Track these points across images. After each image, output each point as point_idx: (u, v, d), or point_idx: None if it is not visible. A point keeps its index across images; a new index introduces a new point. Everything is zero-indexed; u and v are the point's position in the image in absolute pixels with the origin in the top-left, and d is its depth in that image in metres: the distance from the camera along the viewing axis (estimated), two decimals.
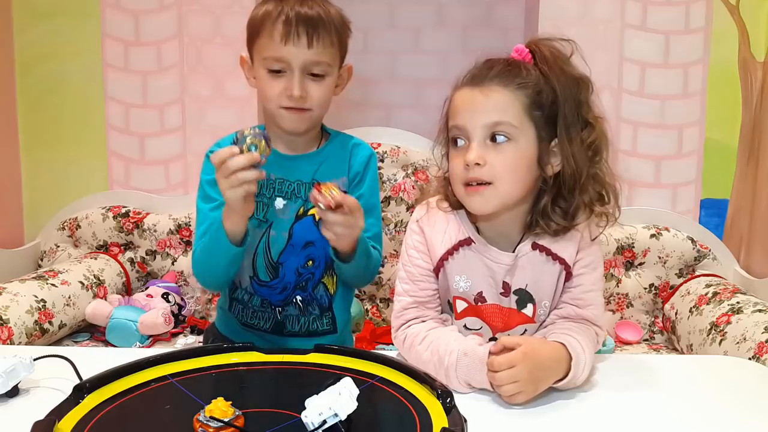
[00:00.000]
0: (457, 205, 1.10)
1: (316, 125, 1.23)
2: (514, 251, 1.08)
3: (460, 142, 1.04)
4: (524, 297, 1.09)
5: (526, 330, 1.10)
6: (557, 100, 1.02)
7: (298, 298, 1.23)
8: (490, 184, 1.01)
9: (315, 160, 1.23)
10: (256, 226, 1.20)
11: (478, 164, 1.00)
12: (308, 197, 1.19)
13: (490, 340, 1.08)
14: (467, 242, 1.08)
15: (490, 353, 0.98)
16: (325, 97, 1.19)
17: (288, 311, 1.25)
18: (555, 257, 1.07)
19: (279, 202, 1.20)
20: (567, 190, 1.04)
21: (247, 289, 1.24)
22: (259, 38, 1.17)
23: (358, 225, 1.08)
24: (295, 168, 1.22)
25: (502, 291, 1.08)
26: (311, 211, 1.21)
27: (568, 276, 1.08)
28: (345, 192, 1.07)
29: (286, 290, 1.23)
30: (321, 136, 1.27)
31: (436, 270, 1.10)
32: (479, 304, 1.09)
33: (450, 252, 1.08)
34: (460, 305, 1.11)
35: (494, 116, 1.01)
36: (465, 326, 1.11)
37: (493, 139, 1.01)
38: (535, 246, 1.07)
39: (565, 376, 0.97)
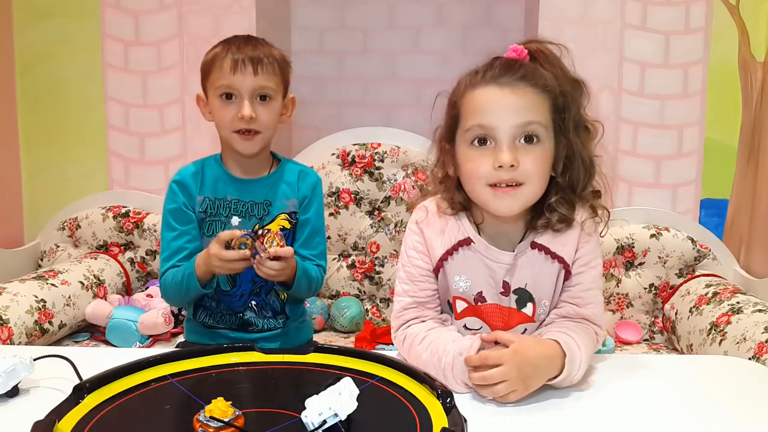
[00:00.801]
0: (460, 206, 1.09)
1: (266, 147, 1.39)
2: (514, 250, 1.08)
3: (485, 142, 1.01)
4: (524, 296, 1.09)
5: (526, 329, 1.10)
6: (567, 102, 1.03)
7: (253, 303, 1.39)
8: (521, 184, 1.01)
9: (266, 183, 1.39)
10: None
11: (512, 166, 0.99)
12: (262, 216, 1.37)
13: None
14: (466, 242, 1.08)
15: (482, 340, 0.99)
16: (271, 120, 1.35)
17: (246, 315, 1.40)
18: (554, 256, 1.07)
19: (235, 220, 1.36)
20: (578, 189, 1.05)
21: (213, 297, 1.39)
22: (211, 74, 1.36)
23: (290, 267, 1.26)
24: (249, 190, 1.38)
25: (502, 290, 1.08)
26: (267, 227, 1.36)
27: (567, 275, 1.08)
28: (281, 236, 1.25)
29: (243, 297, 1.38)
30: (272, 161, 1.43)
31: (436, 270, 1.10)
32: (479, 304, 1.09)
33: (449, 252, 1.08)
34: (460, 305, 1.11)
35: (527, 116, 1.00)
36: (465, 326, 1.11)
37: (522, 139, 1.00)
38: (534, 245, 1.07)
39: (560, 374, 0.97)
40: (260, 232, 1.22)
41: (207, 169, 1.40)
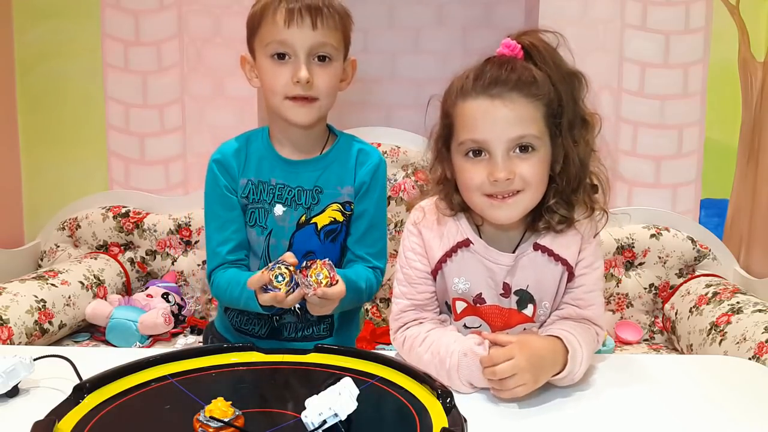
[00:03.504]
0: (459, 207, 1.08)
1: (322, 118, 1.20)
2: (515, 251, 1.07)
3: (480, 153, 1.00)
4: (525, 297, 1.08)
5: (525, 329, 1.10)
6: (562, 102, 1.01)
7: (297, 306, 1.17)
8: (518, 192, 1.00)
9: (318, 165, 1.21)
10: (259, 234, 1.21)
11: (508, 179, 0.98)
12: (309, 206, 1.20)
13: None
14: (465, 244, 1.07)
15: (485, 338, 1.00)
16: (331, 85, 1.16)
17: (285, 318, 1.24)
18: (557, 258, 1.06)
19: (278, 209, 1.20)
20: (571, 189, 1.04)
21: None
22: (260, 28, 1.15)
23: (336, 304, 1.08)
24: (297, 174, 1.20)
25: (502, 292, 1.08)
26: (313, 219, 1.21)
27: (570, 276, 1.08)
28: (331, 265, 1.06)
29: None
30: (327, 137, 1.24)
31: (434, 272, 1.09)
32: (478, 305, 1.09)
33: (448, 254, 1.08)
34: (460, 306, 1.10)
35: (519, 130, 0.98)
36: (464, 326, 1.11)
37: (518, 149, 0.99)
38: (536, 246, 1.06)
39: (563, 370, 0.97)
40: (304, 263, 1.04)
41: (252, 146, 1.21)
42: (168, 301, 2.01)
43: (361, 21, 2.39)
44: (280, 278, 1.03)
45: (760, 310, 1.65)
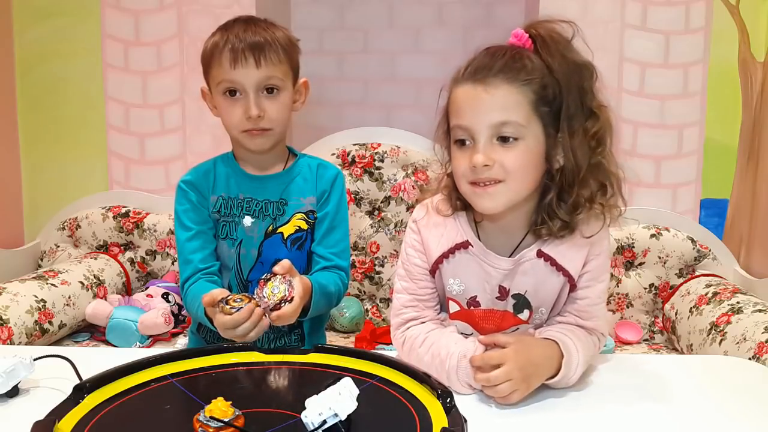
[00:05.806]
0: (461, 206, 1.07)
1: (279, 142, 1.29)
2: (513, 252, 1.05)
3: (466, 142, 0.99)
4: (522, 302, 1.07)
5: (518, 329, 1.09)
6: (561, 91, 0.98)
7: None
8: (500, 182, 0.97)
9: (282, 180, 1.29)
10: (230, 246, 1.27)
11: (486, 165, 0.96)
12: (276, 217, 1.27)
13: None
14: (464, 245, 1.06)
15: (481, 343, 0.98)
16: (282, 114, 1.25)
17: None
18: (559, 268, 1.04)
19: (247, 220, 1.27)
20: (568, 185, 1.00)
21: None
22: (211, 68, 1.25)
23: (293, 319, 1.11)
24: (263, 188, 1.28)
25: (498, 295, 1.07)
26: (280, 229, 1.27)
27: (573, 288, 1.06)
28: (290, 282, 1.09)
29: None
30: (287, 156, 1.33)
31: (432, 271, 1.08)
32: (472, 308, 1.08)
33: (446, 255, 1.06)
34: (453, 307, 1.10)
35: (500, 116, 0.96)
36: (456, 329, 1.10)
37: (499, 138, 0.97)
38: (540, 254, 1.04)
39: (557, 374, 0.97)
40: (264, 276, 1.08)
41: (219, 167, 1.30)
42: (168, 301, 2.01)
43: (361, 21, 2.43)
44: (239, 300, 1.07)
45: (760, 310, 1.65)
